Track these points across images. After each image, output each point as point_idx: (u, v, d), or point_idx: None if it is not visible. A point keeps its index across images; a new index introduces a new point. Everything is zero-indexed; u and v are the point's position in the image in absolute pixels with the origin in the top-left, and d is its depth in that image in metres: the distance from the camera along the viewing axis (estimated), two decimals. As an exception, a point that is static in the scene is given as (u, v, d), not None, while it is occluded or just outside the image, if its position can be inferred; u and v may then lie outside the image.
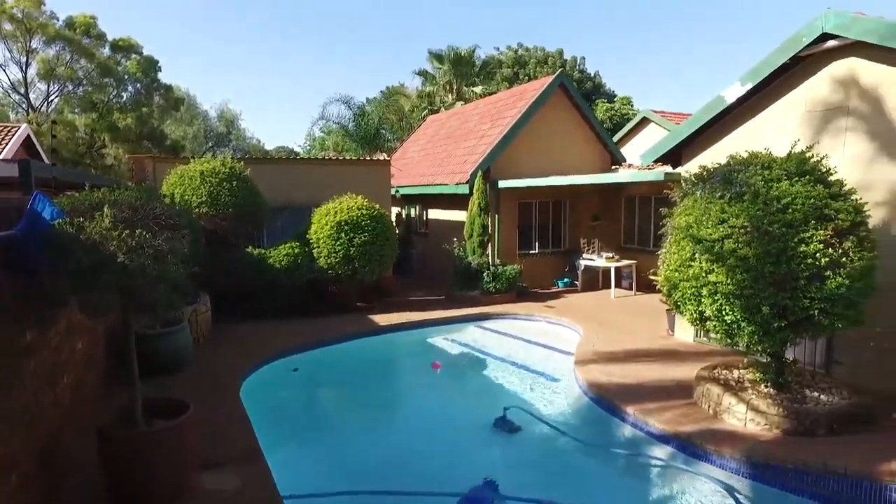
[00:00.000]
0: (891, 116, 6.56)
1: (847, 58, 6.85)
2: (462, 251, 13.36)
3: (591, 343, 9.07)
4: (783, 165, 5.62)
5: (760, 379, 6.04)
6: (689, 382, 6.86)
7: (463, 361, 9.53)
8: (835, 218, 5.28)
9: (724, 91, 7.94)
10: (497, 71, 32.15)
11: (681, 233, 5.86)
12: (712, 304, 5.50)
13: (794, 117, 7.39)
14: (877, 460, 4.80)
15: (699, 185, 6.11)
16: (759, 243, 5.19)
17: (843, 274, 5.10)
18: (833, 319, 5.20)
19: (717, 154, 7.68)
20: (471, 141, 15.31)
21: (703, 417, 5.95)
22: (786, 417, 5.47)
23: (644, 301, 12.63)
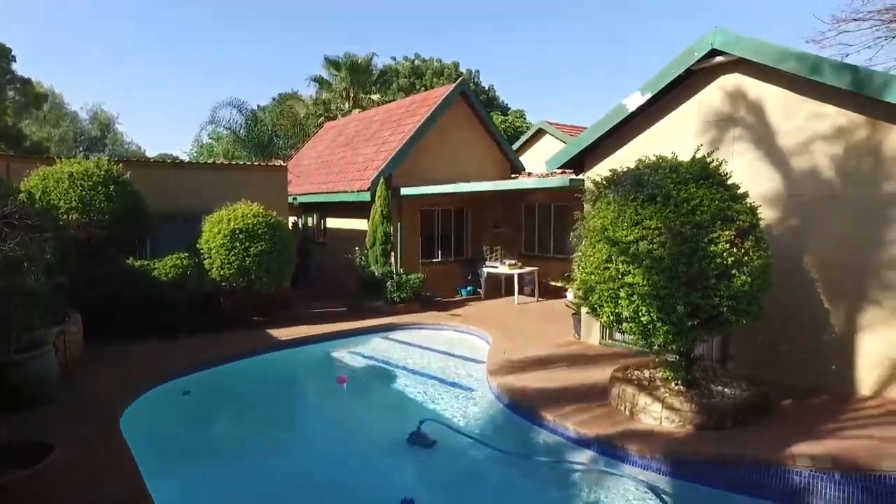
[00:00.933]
0: (771, 128, 7.07)
1: (733, 73, 7.33)
2: (364, 260, 12.87)
3: (501, 350, 8.97)
4: (689, 169, 5.82)
5: (671, 377, 6.18)
6: (602, 385, 6.91)
7: (370, 375, 9.06)
8: (736, 219, 5.53)
9: (625, 100, 8.21)
10: (394, 80, 31.98)
11: (597, 235, 5.87)
12: (629, 305, 5.53)
13: (689, 126, 7.79)
14: (780, 446, 5.04)
15: (611, 188, 6.17)
16: (673, 244, 5.30)
17: (746, 272, 5.33)
18: (739, 316, 5.41)
19: (619, 160, 7.86)
20: (371, 147, 14.90)
21: (620, 418, 5.98)
22: (698, 413, 5.61)
23: (547, 307, 12.86)
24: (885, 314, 6.32)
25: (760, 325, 5.98)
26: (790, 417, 5.89)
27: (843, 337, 6.61)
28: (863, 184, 6.40)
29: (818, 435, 5.31)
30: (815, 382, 6.71)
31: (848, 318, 6.58)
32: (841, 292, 6.61)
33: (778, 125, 7.01)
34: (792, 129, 6.90)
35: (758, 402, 5.88)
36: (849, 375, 6.58)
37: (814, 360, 6.78)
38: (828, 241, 6.65)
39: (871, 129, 6.29)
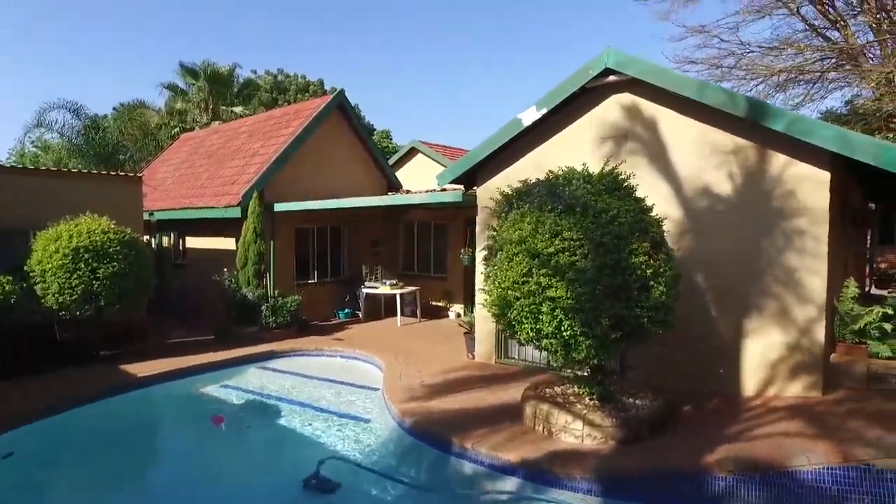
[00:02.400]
0: (662, 146, 7.42)
1: (626, 92, 7.61)
2: (235, 283, 11.59)
3: (397, 375, 8.40)
4: (602, 180, 5.80)
5: (585, 392, 6.07)
6: (512, 405, 6.65)
7: (251, 411, 7.99)
8: (650, 231, 5.59)
9: (521, 114, 8.19)
10: (256, 94, 30.19)
11: (515, 248, 5.59)
12: (552, 320, 5.30)
13: (583, 142, 7.93)
14: (699, 453, 5.09)
15: (523, 199, 5.98)
16: (596, 255, 5.18)
17: (662, 283, 5.38)
18: (656, 326, 5.43)
19: (514, 174, 7.79)
20: (239, 160, 13.64)
21: (539, 439, 5.71)
22: (619, 427, 5.52)
23: (432, 327, 12.52)
24: (765, 320, 6.81)
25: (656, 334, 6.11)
26: (695, 423, 6.05)
27: (731, 342, 7.01)
28: (746, 200, 6.88)
29: (727, 438, 5.46)
30: (706, 387, 7.01)
31: (734, 325, 7.00)
32: (728, 301, 7.02)
33: (668, 143, 7.36)
34: (682, 148, 7.28)
35: (667, 410, 5.96)
36: (736, 378, 6.98)
37: (705, 366, 7.10)
38: (716, 253, 7.04)
39: (754, 152, 6.81)
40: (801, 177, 6.53)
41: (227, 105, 24.21)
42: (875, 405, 6.18)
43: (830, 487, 4.63)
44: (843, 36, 18.99)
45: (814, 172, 6.45)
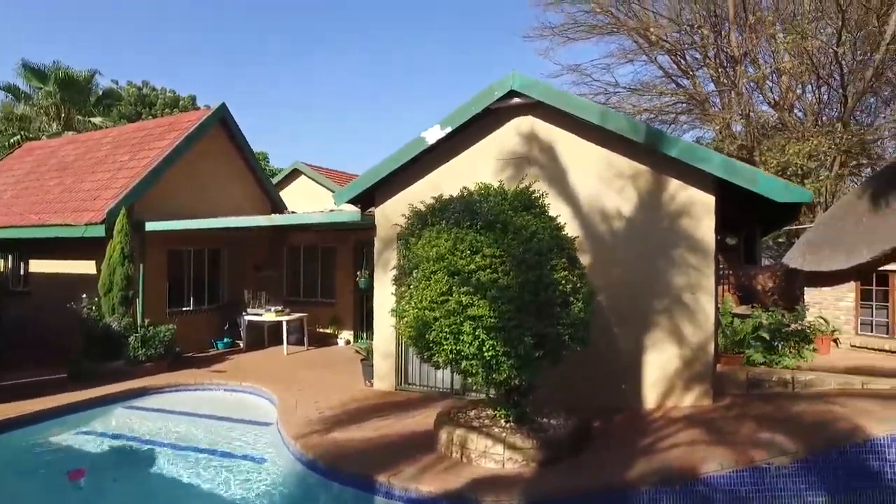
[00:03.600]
0: (563, 167, 7.64)
1: (530, 115, 7.77)
2: (96, 311, 10.14)
3: (292, 406, 7.72)
4: (518, 197, 5.78)
5: (502, 415, 5.91)
6: (422, 432, 6.35)
7: (120, 460, 6.89)
8: (566, 247, 5.63)
9: (424, 133, 8.06)
10: (117, 105, 27.38)
11: (433, 264, 5.35)
12: (473, 340, 5.10)
13: (487, 162, 7.95)
14: (621, 468, 5.11)
15: (438, 215, 5.79)
16: (518, 272, 5.09)
17: (580, 299, 5.41)
18: (575, 343, 5.43)
19: (415, 194, 7.62)
20: (103, 173, 12.12)
21: (458, 467, 5.42)
22: (539, 449, 5.40)
23: (322, 355, 11.85)
24: (662, 336, 7.15)
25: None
26: (608, 439, 6.12)
27: (631, 358, 7.27)
28: (642, 222, 7.24)
29: (642, 451, 5.56)
30: (610, 403, 7.17)
31: (634, 342, 7.27)
32: (627, 319, 7.29)
33: (570, 166, 7.59)
34: (583, 170, 7.53)
35: (584, 429, 5.98)
36: (637, 393, 7.23)
37: (608, 383, 7.28)
38: (615, 273, 7.30)
39: (650, 176, 7.21)
40: (691, 200, 7.02)
41: (83, 115, 21.66)
42: (757, 409, 6.67)
43: (739, 489, 4.86)
44: (692, 84, 21.42)
45: (702, 196, 6.96)
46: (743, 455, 5.18)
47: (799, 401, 6.75)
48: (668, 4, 19.69)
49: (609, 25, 19.84)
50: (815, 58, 17.46)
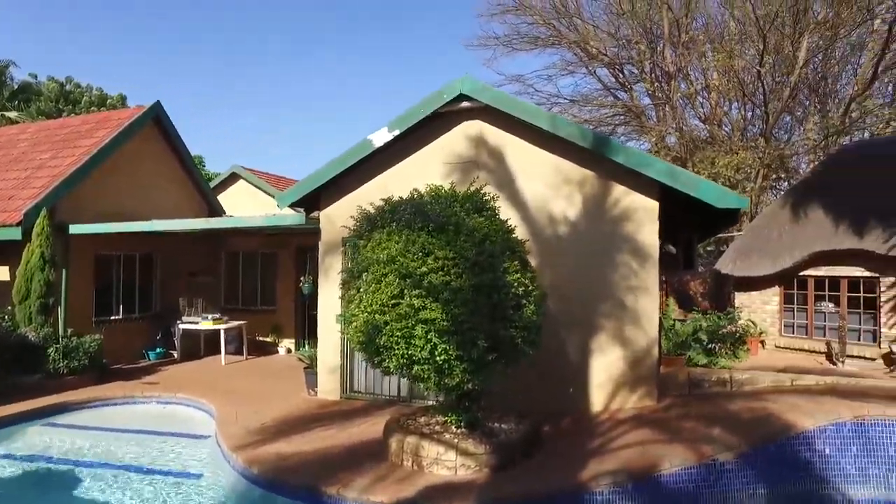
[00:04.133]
0: (512, 172, 7.68)
1: (479, 119, 7.78)
2: (9, 320, 9.34)
3: (231, 418, 7.33)
4: (469, 200, 5.74)
5: (453, 420, 5.81)
6: (370, 441, 6.19)
7: (35, 484, 6.31)
8: (517, 250, 5.63)
9: (372, 135, 7.92)
10: (36, 101, 25.57)
11: (384, 267, 5.21)
12: (426, 344, 4.99)
13: (437, 165, 7.89)
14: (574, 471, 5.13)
15: (388, 217, 5.67)
16: (472, 274, 5.03)
17: (532, 302, 5.41)
18: (528, 346, 5.42)
19: (362, 197, 7.39)
20: (19, 172, 11.25)
21: (410, 475, 5.28)
22: (492, 454, 5.34)
23: (262, 364, 11.42)
24: (608, 339, 7.27)
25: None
26: (559, 442, 6.13)
27: (578, 362, 7.35)
28: (589, 227, 7.36)
29: (593, 453, 5.60)
30: (557, 407, 7.21)
31: (581, 345, 7.36)
32: (575, 322, 7.37)
33: (518, 171, 7.63)
34: (531, 176, 7.58)
35: (535, 433, 5.97)
36: (584, 396, 7.31)
37: (555, 386, 7.33)
38: (563, 277, 7.36)
39: (597, 182, 7.34)
40: (636, 206, 7.20)
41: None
42: (699, 408, 6.88)
43: (688, 486, 4.98)
44: (629, 97, 22.26)
45: (646, 202, 7.15)
46: (690, 452, 5.31)
47: (737, 399, 7.02)
48: (607, 20, 20.42)
49: (551, 38, 20.36)
50: (740, 76, 18.52)
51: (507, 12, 20.32)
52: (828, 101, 20.17)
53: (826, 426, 5.69)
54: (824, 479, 5.52)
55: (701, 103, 20.77)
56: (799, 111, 20.76)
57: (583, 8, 20.50)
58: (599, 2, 21.24)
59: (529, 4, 19.81)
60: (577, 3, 20.25)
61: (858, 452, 5.65)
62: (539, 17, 19.78)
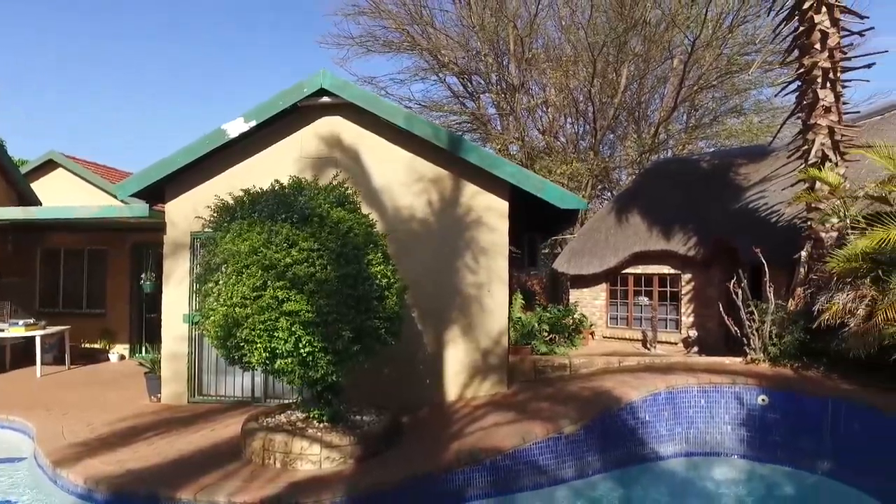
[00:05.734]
0: (371, 169, 7.80)
1: (339, 115, 7.78)
2: None
3: (55, 434, 6.48)
4: (332, 192, 5.76)
5: (316, 415, 5.76)
6: (226, 443, 5.93)
7: None
8: (379, 243, 5.76)
9: (226, 125, 7.54)
10: None
11: (245, 258, 5.03)
12: (290, 336, 4.91)
13: (293, 160, 7.72)
14: (436, 455, 5.39)
15: (248, 209, 5.49)
16: (337, 265, 5.06)
17: (393, 293, 5.58)
18: (390, 336, 5.57)
19: (215, 189, 7.02)
20: None
21: (274, 474, 5.14)
22: (356, 445, 5.39)
23: (91, 373, 10.24)
24: (463, 331, 7.68)
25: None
26: (420, 431, 6.34)
27: (434, 354, 7.66)
28: (444, 224, 7.71)
29: (452, 437, 5.90)
30: (416, 398, 7.44)
31: (437, 338, 7.67)
32: (431, 316, 7.66)
33: (377, 168, 7.76)
34: (389, 173, 7.75)
35: (397, 423, 6.13)
36: (440, 386, 7.64)
37: (414, 378, 7.57)
38: (419, 272, 7.57)
39: (452, 181, 7.72)
40: (488, 205, 7.70)
41: None
42: (545, 391, 7.55)
43: (538, 458, 5.49)
44: (476, 106, 23.50)
45: (497, 201, 7.69)
46: (539, 429, 5.84)
47: (575, 380, 7.83)
48: (459, 31, 21.39)
49: (404, 43, 20.79)
50: (574, 95, 20.52)
51: (361, 14, 20.41)
52: (641, 123, 23.13)
53: (647, 397, 6.62)
54: (645, 441, 6.43)
55: (540, 116, 22.63)
56: (620, 130, 23.53)
57: (435, 18, 21.30)
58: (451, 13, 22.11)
59: (385, 8, 20.11)
60: (430, 12, 20.99)
61: (668, 416, 6.66)
62: (394, 21, 20.13)
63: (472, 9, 20.49)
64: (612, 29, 19.01)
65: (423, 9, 20.73)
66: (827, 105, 8.24)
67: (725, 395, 6.84)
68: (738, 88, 21.23)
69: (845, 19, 8.37)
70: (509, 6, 20.23)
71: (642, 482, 6.14)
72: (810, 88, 8.41)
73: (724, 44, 19.15)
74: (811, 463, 6.10)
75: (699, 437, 6.70)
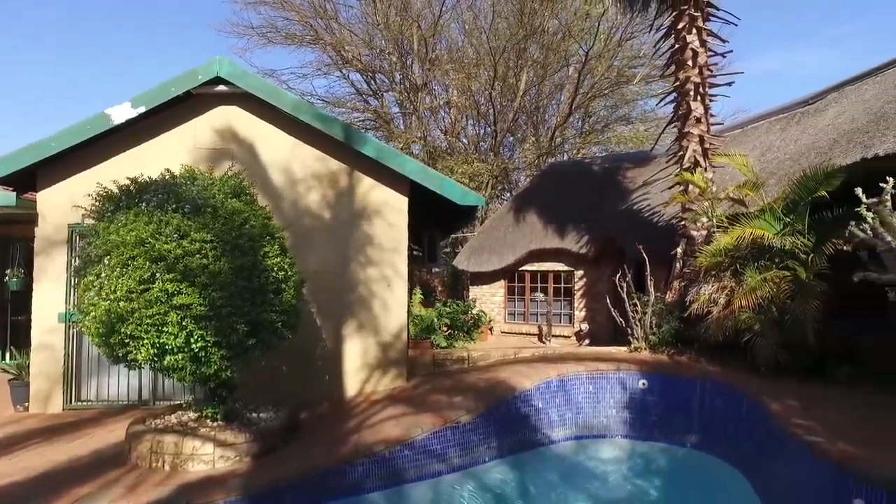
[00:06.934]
0: (269, 161, 7.61)
1: (236, 105, 7.51)
2: None
3: None
4: (227, 183, 5.58)
5: (210, 414, 5.53)
6: (109, 449, 5.57)
7: None
8: (276, 236, 5.65)
9: (110, 109, 7.03)
10: None
11: (132, 250, 4.75)
12: (180, 331, 4.70)
13: (186, 150, 7.35)
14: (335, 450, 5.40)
15: (135, 198, 5.19)
16: (232, 257, 4.91)
17: (291, 286, 5.50)
18: (287, 330, 5.48)
19: (97, 178, 6.49)
20: None
21: (164, 477, 4.88)
22: (253, 442, 5.26)
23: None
24: (362, 326, 7.68)
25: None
26: (319, 426, 6.31)
27: (333, 350, 7.60)
28: (344, 219, 7.68)
29: (351, 431, 5.92)
30: (316, 394, 7.35)
31: (336, 333, 7.62)
32: (330, 311, 7.60)
33: (275, 161, 7.58)
34: (288, 166, 7.59)
35: (294, 419, 6.04)
36: (340, 382, 7.59)
37: (313, 374, 7.47)
38: (318, 266, 7.46)
39: (352, 176, 7.70)
40: (388, 200, 7.75)
41: None
42: (444, 383, 7.71)
43: (437, 447, 5.64)
44: (380, 104, 23.46)
45: (397, 197, 7.76)
46: (438, 419, 5.99)
47: (473, 373, 8.07)
48: (363, 28, 21.23)
49: (307, 37, 20.33)
50: (475, 97, 21.06)
51: (263, 3, 19.70)
52: (540, 127, 24.19)
53: (540, 385, 6.98)
54: (538, 427, 6.78)
55: (443, 117, 23.01)
56: (519, 133, 24.46)
57: (340, 13, 21.01)
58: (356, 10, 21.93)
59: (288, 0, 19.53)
60: (334, 7, 20.66)
61: (560, 403, 7.06)
62: (297, 13, 19.62)
63: (377, 6, 20.42)
64: (512, 35, 19.74)
65: (327, 2, 20.40)
66: (698, 116, 9.11)
67: (611, 381, 7.36)
68: (627, 98, 22.83)
69: (711, 41, 9.31)
70: (414, 6, 20.41)
71: (535, 466, 6.47)
72: (684, 100, 9.25)
73: (615, 56, 20.53)
74: (682, 438, 6.73)
75: (587, 421, 7.16)
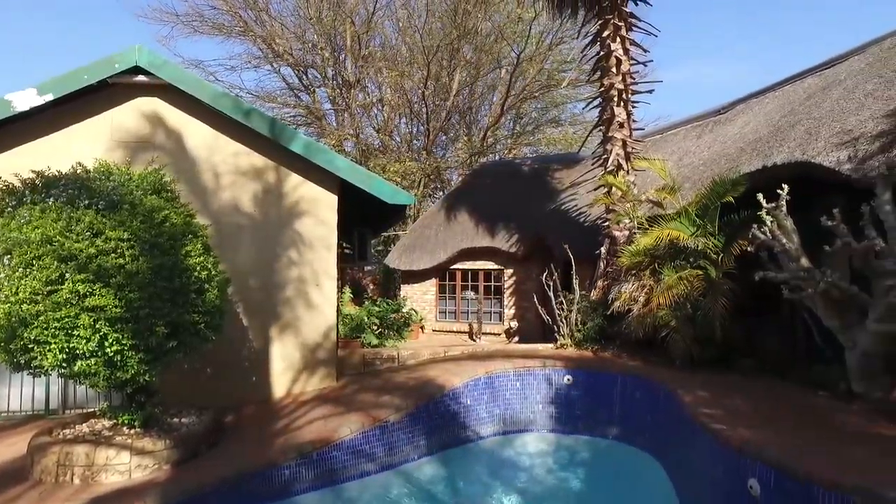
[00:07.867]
0: (192, 157, 7.31)
1: (157, 97, 7.16)
2: None
3: None
4: (146, 179, 5.32)
5: (126, 421, 5.26)
6: (9, 466, 5.16)
7: None
8: (199, 234, 5.46)
9: (12, 94, 6.53)
10: None
11: (37, 248, 4.45)
12: (94, 334, 4.45)
13: (101, 141, 6.96)
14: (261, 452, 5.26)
15: (41, 192, 4.87)
16: (151, 256, 4.70)
17: (215, 286, 5.32)
18: (210, 331, 5.30)
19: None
20: None
21: (74, 491, 4.58)
22: (173, 448, 5.05)
23: None
24: (290, 326, 7.53)
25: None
26: (244, 429, 6.12)
27: (260, 351, 7.40)
28: (271, 217, 7.50)
29: (278, 433, 5.80)
30: (241, 397, 7.12)
31: (263, 334, 7.43)
32: (255, 311, 7.39)
33: (199, 156, 7.29)
34: (212, 162, 7.32)
35: (218, 422, 5.84)
36: (267, 384, 7.41)
37: (238, 376, 7.24)
38: (244, 265, 7.28)
39: (279, 173, 7.53)
40: (317, 197, 7.64)
41: None
42: (373, 382, 7.71)
43: (366, 447, 5.63)
44: (312, 100, 23.01)
45: (326, 195, 7.67)
46: (366, 418, 5.97)
47: (403, 371, 8.11)
48: (295, 21, 20.73)
49: (236, 28, 19.64)
50: (409, 95, 21.05)
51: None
52: (472, 127, 24.49)
53: (468, 382, 7.10)
54: (467, 424, 6.90)
55: (375, 115, 22.84)
56: (452, 132, 24.66)
57: (271, 5, 20.40)
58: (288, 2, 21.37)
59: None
60: (266, -1, 20.04)
61: (487, 399, 7.21)
62: (225, 2, 18.88)
63: (309, 0, 20.00)
64: (446, 35, 19.88)
65: (257, -5, 19.77)
66: (621, 121, 9.54)
67: (537, 377, 7.58)
68: (557, 101, 23.51)
69: (634, 51, 9.77)
70: (347, 2, 20.13)
71: (464, 462, 6.58)
72: (609, 105, 9.65)
73: (546, 59, 21.08)
74: (604, 430, 7.03)
75: (515, 417, 7.34)
